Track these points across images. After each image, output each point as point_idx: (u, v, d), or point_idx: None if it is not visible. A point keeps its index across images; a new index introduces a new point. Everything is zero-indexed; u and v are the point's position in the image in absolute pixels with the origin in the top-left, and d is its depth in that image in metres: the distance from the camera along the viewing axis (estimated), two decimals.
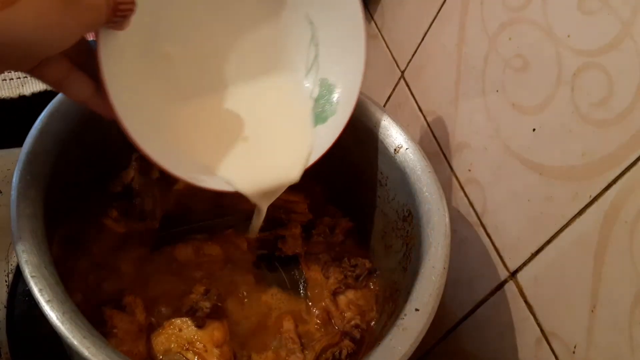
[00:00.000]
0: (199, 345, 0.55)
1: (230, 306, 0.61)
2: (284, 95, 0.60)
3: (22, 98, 0.77)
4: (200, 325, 0.56)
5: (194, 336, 0.56)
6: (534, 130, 0.58)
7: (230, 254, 0.64)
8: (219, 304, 0.60)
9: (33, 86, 0.78)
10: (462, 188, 0.68)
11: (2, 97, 0.76)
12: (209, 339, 0.56)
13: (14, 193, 0.48)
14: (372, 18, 0.84)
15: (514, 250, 0.60)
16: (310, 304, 0.64)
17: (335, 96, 0.59)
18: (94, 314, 0.54)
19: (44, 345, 0.60)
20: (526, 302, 0.59)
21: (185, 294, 0.59)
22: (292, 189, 0.71)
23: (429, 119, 0.73)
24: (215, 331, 0.56)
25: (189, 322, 0.56)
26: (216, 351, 0.55)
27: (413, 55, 0.76)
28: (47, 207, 0.50)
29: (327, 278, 0.65)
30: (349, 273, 0.65)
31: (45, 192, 0.50)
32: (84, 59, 0.45)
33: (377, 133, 0.64)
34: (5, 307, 0.62)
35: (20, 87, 0.78)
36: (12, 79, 0.78)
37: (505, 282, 0.62)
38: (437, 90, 0.72)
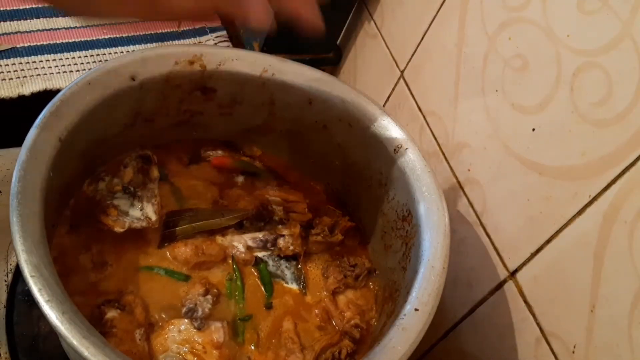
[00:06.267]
0: (198, 346, 0.55)
1: (230, 307, 0.61)
2: None
3: (21, 98, 0.77)
4: (199, 327, 0.56)
5: (193, 337, 0.56)
6: (533, 130, 0.58)
7: (230, 254, 0.64)
8: (218, 305, 0.60)
9: (33, 86, 0.78)
10: (462, 188, 0.68)
11: (2, 97, 0.76)
12: (208, 340, 0.56)
13: (13, 192, 0.48)
14: (372, 18, 0.84)
15: (514, 250, 0.60)
16: (309, 303, 0.64)
17: None
18: (94, 314, 0.54)
19: (43, 345, 0.60)
20: (526, 301, 0.59)
21: (184, 295, 0.59)
22: (292, 188, 0.71)
23: (429, 118, 0.73)
24: (214, 332, 0.56)
25: (188, 323, 0.56)
26: (215, 352, 0.55)
27: (413, 55, 0.76)
28: (47, 206, 0.50)
29: (327, 278, 0.65)
30: (349, 273, 0.65)
31: (44, 191, 0.50)
32: None
33: (376, 133, 0.64)
34: (4, 306, 0.62)
35: (20, 86, 0.77)
36: (12, 79, 0.78)
37: (504, 281, 0.62)
38: (436, 90, 0.72)
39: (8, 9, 0.85)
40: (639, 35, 0.48)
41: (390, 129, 0.64)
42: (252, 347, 0.59)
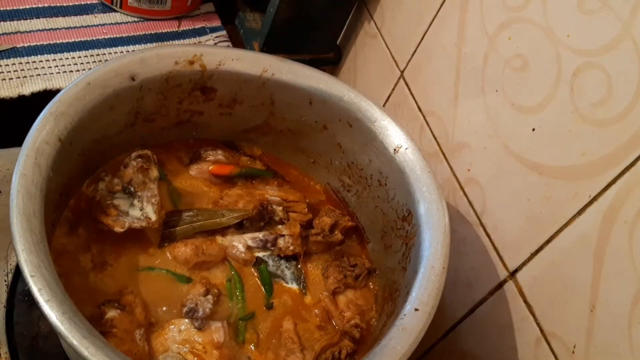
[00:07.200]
0: (198, 346, 0.55)
1: (230, 307, 0.61)
2: None
3: (21, 98, 0.77)
4: (199, 327, 0.56)
5: (194, 337, 0.56)
6: (533, 130, 0.58)
7: (230, 254, 0.64)
8: (218, 305, 0.60)
9: (33, 86, 0.78)
10: (462, 188, 0.68)
11: (2, 97, 0.76)
12: (208, 340, 0.56)
13: (13, 192, 0.48)
14: (372, 18, 0.84)
15: (514, 249, 0.60)
16: (309, 303, 0.64)
17: None
18: (94, 314, 0.54)
19: (43, 345, 0.60)
20: (525, 301, 0.59)
21: (184, 294, 0.59)
22: (292, 188, 0.71)
23: (429, 118, 0.73)
24: (215, 332, 0.56)
25: (188, 323, 0.56)
26: (215, 352, 0.55)
27: (412, 54, 0.76)
28: (47, 206, 0.50)
29: (327, 278, 0.65)
30: (349, 273, 0.65)
31: (44, 191, 0.50)
32: None
33: (376, 133, 0.64)
34: (4, 306, 0.62)
35: (20, 86, 0.77)
36: (12, 78, 0.78)
37: (504, 281, 0.62)
38: (436, 90, 0.72)
39: (8, 9, 0.85)
40: (639, 35, 0.48)
41: (390, 128, 0.64)
42: (252, 347, 0.59)
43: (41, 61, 0.81)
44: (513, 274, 0.61)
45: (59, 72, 0.81)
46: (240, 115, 0.69)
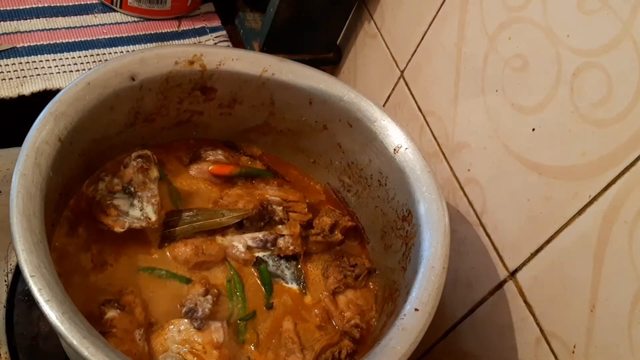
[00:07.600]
0: (197, 346, 0.55)
1: (230, 307, 0.61)
2: None
3: (21, 98, 0.77)
4: (199, 327, 0.56)
5: (193, 337, 0.56)
6: (533, 130, 0.58)
7: (230, 254, 0.64)
8: (218, 305, 0.60)
9: (33, 86, 0.78)
10: (462, 188, 0.68)
11: (2, 97, 0.76)
12: (207, 340, 0.56)
13: (13, 192, 0.48)
14: (372, 18, 0.84)
15: (514, 249, 0.60)
16: (309, 303, 0.64)
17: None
18: (94, 314, 0.54)
19: (43, 345, 0.60)
20: (525, 301, 0.59)
21: (184, 295, 0.59)
22: (292, 188, 0.71)
23: (429, 118, 0.73)
24: (214, 332, 0.56)
25: (188, 323, 0.56)
26: (215, 352, 0.55)
27: (412, 54, 0.76)
28: (47, 206, 0.50)
29: (327, 278, 0.65)
30: (349, 273, 0.65)
31: (44, 191, 0.50)
32: None
33: (376, 133, 0.64)
34: (4, 306, 0.62)
35: (20, 86, 0.77)
36: (12, 78, 0.78)
37: (504, 281, 0.62)
38: (436, 90, 0.72)
39: (8, 8, 0.85)
40: (639, 35, 0.48)
41: (390, 128, 0.64)
42: (252, 347, 0.59)
43: (41, 61, 0.81)
44: (513, 274, 0.61)
45: (59, 72, 0.81)
46: (240, 115, 0.69)
